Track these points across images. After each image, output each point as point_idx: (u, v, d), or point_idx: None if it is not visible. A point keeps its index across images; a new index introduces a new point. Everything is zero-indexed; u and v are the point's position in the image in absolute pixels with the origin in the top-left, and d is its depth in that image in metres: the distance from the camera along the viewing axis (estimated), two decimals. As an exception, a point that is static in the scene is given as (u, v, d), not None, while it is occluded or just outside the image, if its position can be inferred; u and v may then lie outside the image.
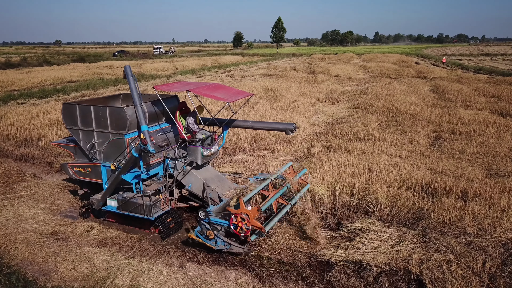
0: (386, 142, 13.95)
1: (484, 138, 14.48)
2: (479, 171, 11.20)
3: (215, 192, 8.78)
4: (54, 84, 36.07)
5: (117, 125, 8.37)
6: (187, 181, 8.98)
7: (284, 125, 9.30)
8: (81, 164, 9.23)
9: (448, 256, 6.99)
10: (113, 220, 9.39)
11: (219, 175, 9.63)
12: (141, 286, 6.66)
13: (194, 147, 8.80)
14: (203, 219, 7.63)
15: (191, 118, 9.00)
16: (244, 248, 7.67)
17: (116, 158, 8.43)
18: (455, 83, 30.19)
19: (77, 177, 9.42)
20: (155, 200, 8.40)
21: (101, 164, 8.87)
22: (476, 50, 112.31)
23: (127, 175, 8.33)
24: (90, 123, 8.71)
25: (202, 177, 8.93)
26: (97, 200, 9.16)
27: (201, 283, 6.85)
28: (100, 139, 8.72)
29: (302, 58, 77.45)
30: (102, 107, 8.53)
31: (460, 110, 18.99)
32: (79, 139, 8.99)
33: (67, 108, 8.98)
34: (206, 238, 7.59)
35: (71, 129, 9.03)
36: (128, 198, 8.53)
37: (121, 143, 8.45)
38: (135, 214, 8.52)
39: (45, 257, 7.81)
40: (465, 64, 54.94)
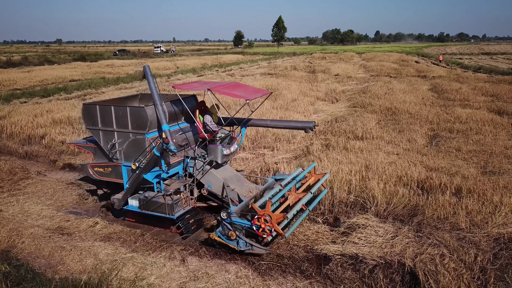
0: (384, 140, 14.19)
1: (481, 136, 14.72)
2: (474, 168, 11.44)
3: (235, 192, 8.74)
4: (56, 83, 36.29)
5: (138, 124, 8.38)
6: (206, 181, 8.96)
7: (304, 123, 9.25)
8: (101, 164, 9.22)
9: (441, 250, 7.23)
10: (132, 219, 9.41)
11: (238, 174, 9.60)
12: (145, 278, 6.90)
13: (214, 146, 8.75)
14: (225, 220, 7.60)
15: (208, 117, 9.03)
16: (266, 250, 7.62)
17: (137, 158, 8.45)
18: (454, 82, 30.40)
19: (97, 177, 9.41)
20: (177, 199, 8.40)
21: (121, 164, 8.86)
22: (477, 49, 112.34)
23: (148, 174, 8.35)
24: (110, 123, 8.71)
25: (221, 176, 8.91)
26: (118, 200, 9.15)
27: (203, 275, 7.10)
28: (121, 139, 8.72)
29: (302, 57, 77.61)
30: (123, 107, 8.53)
31: (458, 109, 19.23)
32: (99, 139, 8.99)
33: (87, 109, 8.96)
34: (227, 239, 7.58)
35: (91, 129, 9.03)
36: (150, 198, 8.53)
37: (142, 143, 8.46)
38: (157, 213, 8.52)
39: (51, 251, 8.05)
40: (465, 63, 55.08)
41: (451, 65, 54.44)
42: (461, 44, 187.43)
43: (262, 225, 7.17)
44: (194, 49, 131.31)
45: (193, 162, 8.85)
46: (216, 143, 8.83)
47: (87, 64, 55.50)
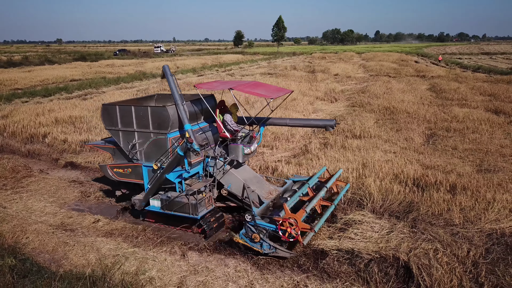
0: (381, 139, 14.39)
1: (477, 135, 14.93)
2: (470, 166, 11.64)
3: (255, 193, 8.68)
4: (57, 82, 36.50)
5: (159, 124, 8.31)
6: (226, 181, 8.90)
7: (324, 121, 9.16)
8: (121, 165, 9.14)
9: (435, 245, 7.42)
10: (152, 220, 9.35)
11: (257, 175, 9.57)
12: (146, 272, 7.09)
13: (235, 145, 8.68)
14: (249, 222, 7.57)
15: (228, 116, 9.04)
16: (291, 253, 7.54)
17: (159, 158, 8.39)
18: (453, 82, 30.61)
19: (117, 178, 9.33)
20: (200, 199, 8.34)
21: (142, 164, 8.79)
22: (477, 49, 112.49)
23: (171, 174, 8.31)
24: (130, 124, 8.63)
25: (241, 177, 8.86)
26: (139, 200, 9.07)
27: (203, 269, 7.29)
28: (141, 139, 8.64)
29: (302, 57, 77.80)
30: (144, 107, 8.46)
31: (456, 108, 19.43)
32: (119, 140, 8.91)
33: (106, 109, 8.90)
34: (251, 241, 7.55)
35: (111, 130, 8.95)
36: (173, 198, 8.46)
37: (163, 143, 8.40)
38: (180, 213, 8.45)
39: (55, 246, 8.24)
40: (464, 63, 55.25)
41: (450, 65, 54.57)
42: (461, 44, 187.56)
43: (288, 229, 7.16)
44: (194, 49, 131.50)
45: (213, 161, 8.82)
46: (237, 142, 8.76)
47: (88, 64, 55.70)
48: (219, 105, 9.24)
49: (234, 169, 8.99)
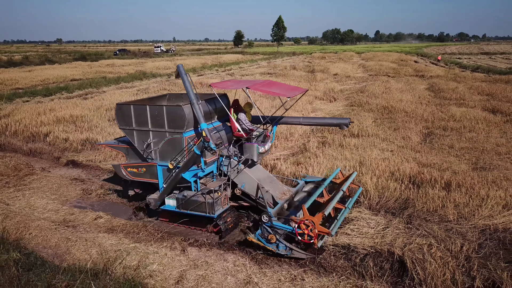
0: (379, 138, 14.56)
1: (474, 134, 15.10)
2: (466, 164, 11.81)
3: (269, 194, 8.69)
4: (57, 82, 36.66)
5: (175, 124, 8.33)
6: (240, 180, 8.89)
7: (339, 120, 9.11)
8: (135, 165, 9.13)
9: (429, 240, 7.60)
10: (166, 219, 9.37)
11: (270, 175, 9.57)
12: (147, 266, 7.27)
13: (250, 144, 8.69)
14: (265, 223, 7.61)
15: (243, 115, 9.08)
16: (307, 254, 7.54)
17: (174, 157, 8.44)
18: (451, 82, 30.77)
19: (130, 177, 9.31)
20: (217, 197, 8.34)
21: (157, 163, 8.78)
22: (476, 49, 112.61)
23: (187, 173, 8.33)
24: (145, 123, 8.64)
25: (255, 177, 8.87)
26: (154, 200, 9.03)
27: (202, 264, 7.47)
28: (156, 138, 8.65)
29: (302, 57, 77.94)
30: (159, 106, 8.46)
31: (453, 108, 19.60)
32: (133, 140, 8.92)
33: (120, 109, 8.90)
34: (267, 242, 7.58)
35: (125, 129, 8.95)
36: (189, 197, 8.45)
37: (179, 142, 8.42)
38: (197, 212, 8.45)
39: (58, 242, 8.42)
40: (464, 63, 55.37)
41: (449, 64, 54.73)
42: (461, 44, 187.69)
43: (305, 231, 7.24)
44: (194, 49, 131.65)
45: (227, 161, 8.80)
46: (252, 141, 8.76)
47: (88, 64, 55.85)
48: (233, 104, 9.26)
49: (248, 169, 8.98)
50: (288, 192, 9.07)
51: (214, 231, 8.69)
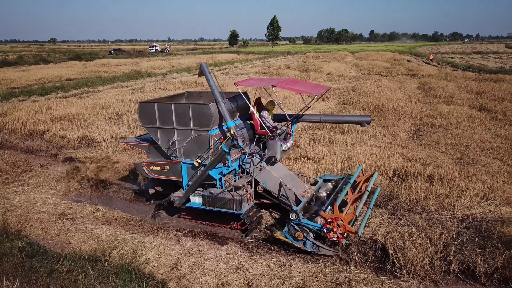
0: (368, 134, 15.03)
1: (460, 131, 15.61)
2: (450, 159, 12.31)
3: (292, 191, 8.78)
4: (53, 81, 36.87)
5: (201, 122, 8.35)
6: (262, 178, 8.92)
7: (360, 117, 9.12)
8: (158, 163, 9.13)
9: (411, 229, 8.05)
10: (189, 217, 9.42)
11: (291, 173, 9.67)
12: (144, 254, 7.68)
13: (274, 141, 8.72)
14: (293, 221, 7.72)
15: (266, 113, 9.16)
16: (334, 251, 7.61)
17: (200, 155, 8.51)
18: (442, 81, 31.34)
19: (153, 175, 9.30)
20: (244, 194, 8.37)
21: (181, 161, 8.80)
22: (470, 48, 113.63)
23: (213, 171, 8.40)
24: (169, 121, 8.64)
25: (277, 175, 8.94)
26: (179, 197, 9.01)
27: (196, 252, 7.88)
28: (180, 136, 8.68)
29: (296, 56, 78.44)
30: (185, 105, 8.46)
31: (441, 106, 20.13)
32: (157, 138, 8.92)
33: (144, 107, 8.89)
34: (294, 239, 7.70)
35: (149, 127, 8.93)
36: (216, 194, 8.48)
37: (204, 140, 8.46)
38: (223, 209, 8.46)
39: (58, 233, 8.81)
40: (456, 62, 55.99)
41: (442, 64, 55.41)
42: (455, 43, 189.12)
43: (334, 229, 7.33)
44: (189, 48, 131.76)
45: (249, 158, 8.84)
46: (275, 139, 8.81)
47: (83, 63, 55.98)
48: (256, 102, 9.34)
49: (270, 167, 9.06)
50: (310, 190, 9.21)
51: (238, 228, 8.79)
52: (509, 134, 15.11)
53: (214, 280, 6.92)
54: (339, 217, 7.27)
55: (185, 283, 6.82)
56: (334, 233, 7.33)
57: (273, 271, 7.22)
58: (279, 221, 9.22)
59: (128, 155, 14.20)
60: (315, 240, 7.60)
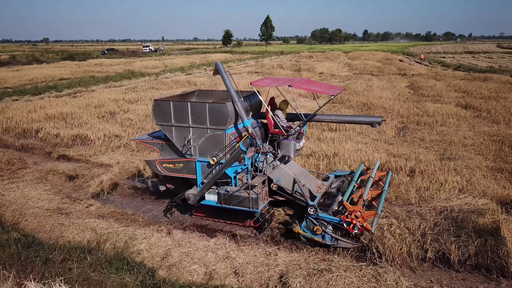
0: (355, 132, 15.46)
1: (445, 128, 16.09)
2: (433, 155, 12.75)
3: (306, 188, 8.91)
4: (46, 81, 37.00)
5: (217, 121, 8.39)
6: (275, 176, 9.02)
7: (371, 118, 9.16)
8: (172, 160, 9.18)
9: (390, 220, 8.44)
10: (202, 215, 9.47)
11: (304, 170, 9.80)
12: (135, 245, 7.99)
13: (288, 141, 8.82)
14: (311, 215, 7.90)
15: (280, 112, 9.29)
16: (353, 243, 7.78)
17: (216, 153, 8.59)
18: (431, 80, 31.91)
19: (166, 173, 9.35)
20: (260, 193, 8.42)
21: (196, 159, 8.87)
22: (461, 48, 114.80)
23: (229, 169, 8.48)
24: (185, 119, 8.69)
25: (291, 172, 9.09)
26: (193, 195, 9.05)
27: (186, 243, 8.21)
28: (196, 134, 8.73)
29: (290, 56, 78.90)
30: (201, 103, 8.48)
31: (428, 104, 20.62)
32: (171, 136, 8.95)
33: (158, 105, 8.90)
34: (313, 233, 7.87)
35: (163, 125, 8.95)
36: (232, 192, 8.53)
37: (220, 139, 8.51)
38: (239, 207, 8.50)
39: (52, 227, 9.09)
40: (447, 62, 56.67)
41: (433, 63, 56.12)
42: (447, 43, 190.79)
43: (353, 221, 7.54)
44: (183, 48, 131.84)
45: (262, 157, 8.94)
46: (289, 138, 8.90)
47: (76, 63, 56.00)
48: (269, 102, 9.42)
49: (284, 164, 9.20)
50: (323, 186, 9.43)
51: (253, 225, 8.89)
52: (491, 131, 15.61)
53: (202, 268, 7.27)
54: (357, 209, 7.50)
55: (174, 271, 7.16)
56: (355, 226, 7.54)
57: (259, 260, 7.58)
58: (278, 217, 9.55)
59: (121, 153, 14.51)
60: (334, 234, 7.77)
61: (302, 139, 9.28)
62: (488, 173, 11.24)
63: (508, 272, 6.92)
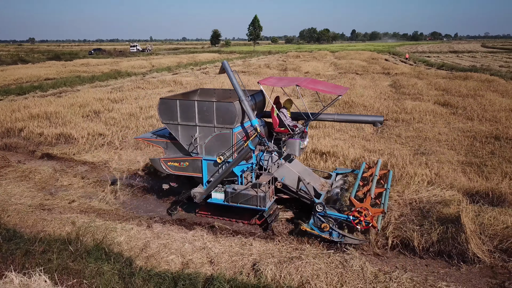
0: (334, 129, 15.90)
1: (421, 124, 16.62)
2: (408, 150, 13.23)
3: (311, 186, 9.02)
4: (31, 81, 36.84)
5: (224, 119, 8.41)
6: (279, 174, 9.12)
7: (373, 117, 9.27)
8: (177, 159, 9.17)
9: (361, 211, 8.85)
10: (207, 213, 9.55)
11: (307, 169, 9.95)
12: (115, 238, 8.26)
13: (293, 140, 8.91)
14: (319, 212, 8.03)
15: (285, 111, 9.38)
16: (360, 240, 7.96)
17: (223, 152, 8.63)
18: (413, 78, 32.57)
19: (171, 171, 9.35)
20: (267, 191, 8.46)
21: (202, 158, 8.90)
22: (447, 47, 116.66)
23: (236, 167, 8.53)
24: (192, 118, 8.70)
25: (295, 170, 9.22)
26: (200, 193, 9.07)
27: (164, 235, 8.51)
28: (202, 133, 8.76)
29: (277, 56, 79.38)
30: (209, 102, 8.52)
31: (408, 102, 21.18)
32: (177, 134, 8.96)
33: (164, 103, 8.87)
34: (320, 230, 8.00)
35: (169, 124, 8.95)
36: (240, 190, 8.53)
37: (227, 137, 8.55)
38: (246, 205, 8.53)
39: (34, 222, 9.29)
40: (431, 61, 57.68)
41: (417, 62, 57.08)
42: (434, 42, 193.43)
43: (361, 218, 7.69)
44: (171, 48, 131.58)
45: (267, 155, 9.03)
46: (294, 137, 8.99)
47: (62, 63, 55.69)
48: (274, 101, 9.50)
49: (288, 163, 9.37)
50: (326, 184, 9.60)
51: (258, 223, 9.01)
52: (465, 127, 16.19)
53: (179, 258, 7.58)
54: (365, 206, 7.72)
55: (152, 261, 7.45)
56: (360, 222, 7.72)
57: (234, 250, 7.91)
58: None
59: (104, 151, 14.71)
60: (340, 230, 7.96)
61: (306, 138, 9.40)
62: (458, 166, 11.74)
63: (467, 258, 7.37)
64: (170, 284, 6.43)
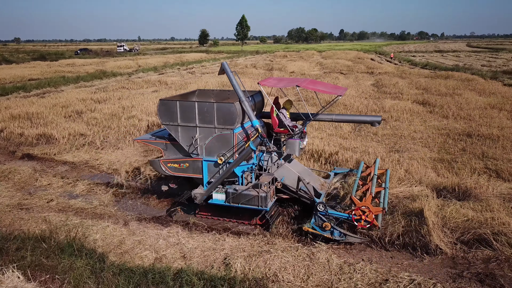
0: (313, 127, 16.20)
1: (398, 123, 17.03)
2: (383, 148, 13.59)
3: (310, 185, 9.08)
4: (14, 82, 36.51)
5: (225, 120, 8.42)
6: (279, 174, 9.19)
7: (371, 117, 9.38)
8: (177, 160, 9.16)
9: (333, 206, 9.15)
10: (206, 214, 9.52)
11: (306, 169, 10.05)
12: (91, 235, 8.43)
13: (293, 140, 8.93)
14: (320, 212, 8.12)
15: (284, 111, 9.44)
16: (361, 238, 8.05)
17: (223, 153, 8.65)
18: (396, 78, 33.11)
19: (170, 172, 9.33)
20: (268, 191, 8.47)
21: (202, 159, 8.91)
22: (433, 47, 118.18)
23: (237, 168, 8.55)
24: (192, 119, 8.70)
25: (295, 170, 9.30)
26: (200, 194, 9.06)
27: (140, 232, 8.70)
28: (202, 134, 8.76)
29: (265, 56, 79.67)
30: (209, 103, 8.51)
31: (387, 101, 21.61)
32: (177, 135, 8.96)
33: (164, 105, 8.85)
34: (321, 229, 8.07)
35: (169, 125, 8.94)
36: (241, 191, 8.54)
37: (228, 138, 8.56)
38: (248, 206, 8.55)
39: (11, 221, 9.39)
40: (416, 60, 58.45)
41: (402, 62, 57.85)
42: (420, 42, 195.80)
43: (362, 217, 7.79)
44: (159, 48, 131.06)
45: (267, 156, 9.08)
46: (294, 137, 9.02)
47: (47, 64, 55.20)
48: (274, 102, 9.54)
49: (288, 163, 9.47)
50: (325, 183, 9.74)
51: (259, 223, 9.03)
52: (441, 125, 16.64)
53: (153, 254, 7.78)
54: (366, 205, 7.85)
55: (126, 257, 7.65)
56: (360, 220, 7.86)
57: (207, 245, 8.14)
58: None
59: (85, 151, 14.81)
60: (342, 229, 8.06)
61: (306, 138, 9.49)
62: (430, 163, 12.13)
63: (430, 249, 7.71)
64: (140, 277, 6.63)
